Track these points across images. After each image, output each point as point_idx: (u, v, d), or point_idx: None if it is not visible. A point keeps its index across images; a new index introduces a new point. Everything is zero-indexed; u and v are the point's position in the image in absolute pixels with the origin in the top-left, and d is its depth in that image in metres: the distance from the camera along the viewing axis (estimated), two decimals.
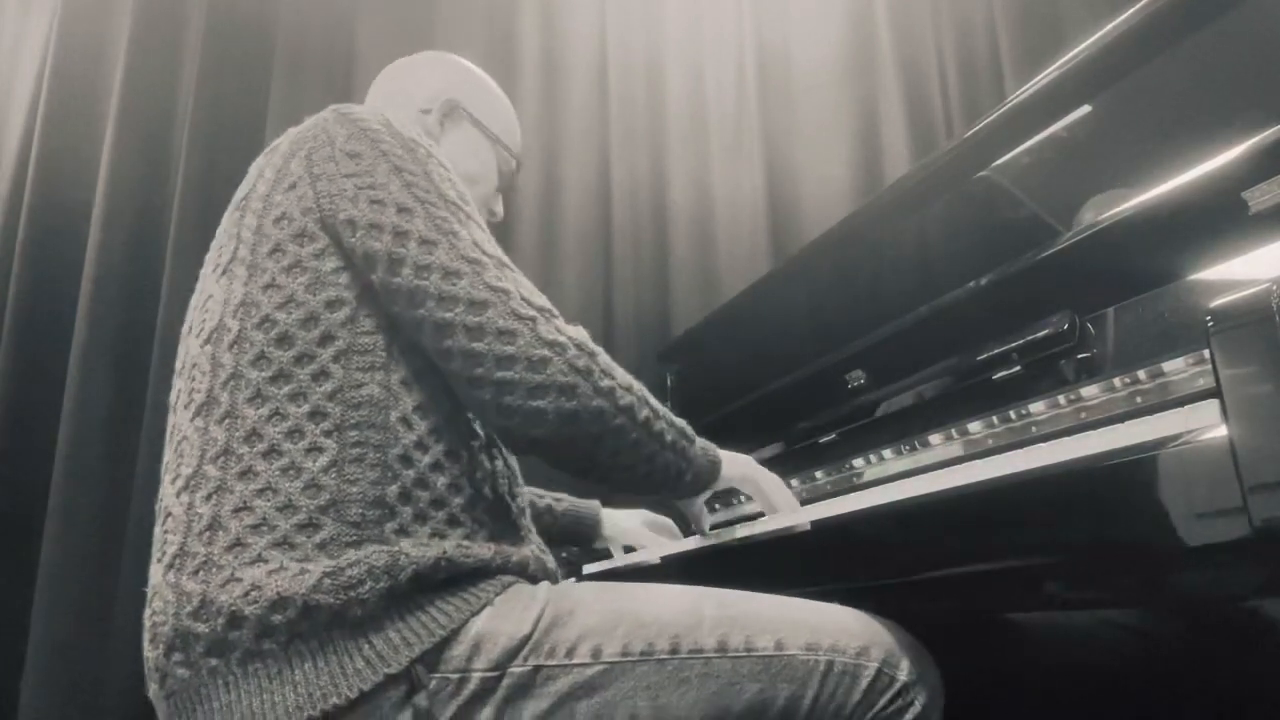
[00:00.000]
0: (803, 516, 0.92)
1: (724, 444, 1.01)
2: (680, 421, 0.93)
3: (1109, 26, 0.98)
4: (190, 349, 0.84)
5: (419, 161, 0.85)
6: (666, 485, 0.91)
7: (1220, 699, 0.98)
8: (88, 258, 2.00)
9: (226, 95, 2.16)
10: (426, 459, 0.79)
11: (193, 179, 2.07)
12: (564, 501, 1.42)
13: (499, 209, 1.20)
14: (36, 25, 2.21)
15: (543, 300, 0.84)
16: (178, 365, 0.87)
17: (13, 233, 2.03)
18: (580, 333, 0.83)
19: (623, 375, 0.85)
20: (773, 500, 1.01)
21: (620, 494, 0.94)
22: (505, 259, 0.85)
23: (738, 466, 1.00)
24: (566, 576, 1.53)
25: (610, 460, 0.84)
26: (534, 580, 0.84)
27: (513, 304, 0.80)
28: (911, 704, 0.80)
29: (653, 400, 0.89)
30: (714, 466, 0.96)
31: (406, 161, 0.84)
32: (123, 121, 2.09)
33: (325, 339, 0.79)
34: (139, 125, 2.11)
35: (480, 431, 0.89)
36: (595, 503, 1.46)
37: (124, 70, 2.12)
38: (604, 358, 0.84)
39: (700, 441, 0.95)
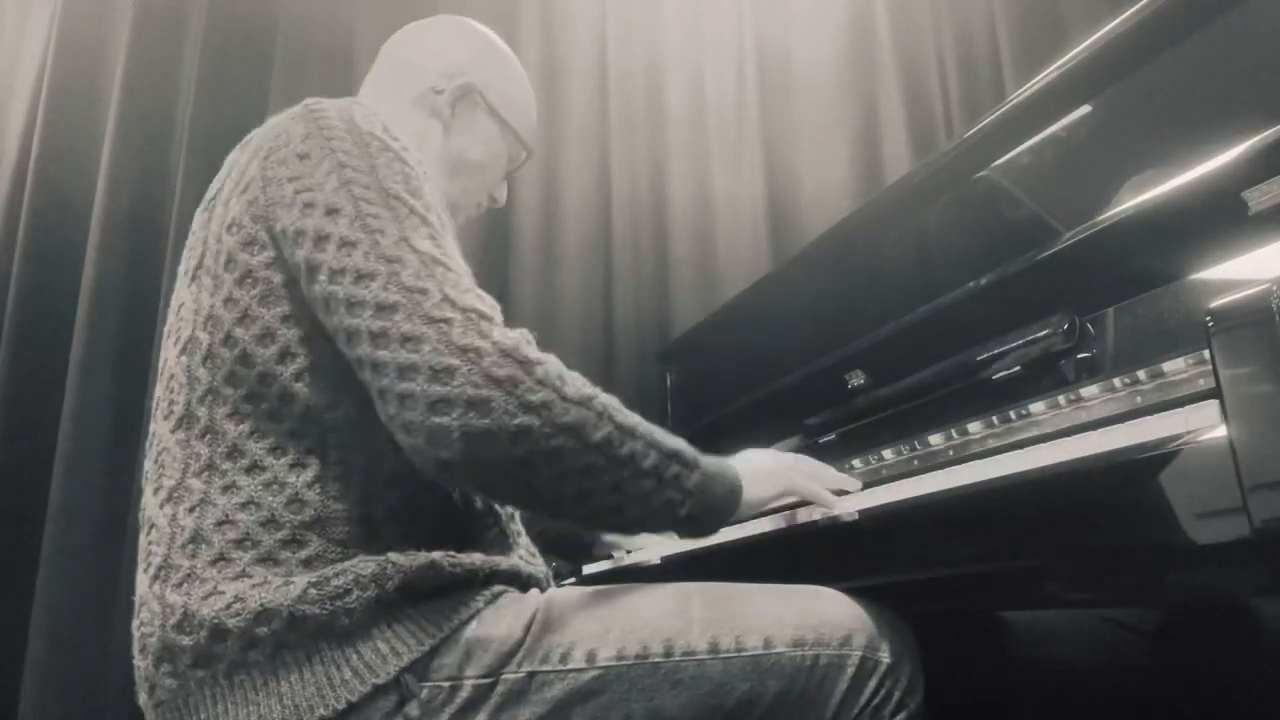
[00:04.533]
0: (838, 509, 0.88)
1: (723, 445, 1.01)
2: (674, 443, 0.79)
3: (1109, 26, 0.98)
4: (168, 355, 0.83)
5: (368, 156, 0.77)
6: (654, 521, 0.79)
7: (1220, 699, 0.98)
8: (88, 258, 2.00)
9: (226, 95, 2.16)
10: (417, 479, 0.76)
11: (193, 179, 2.07)
12: None
13: (501, 195, 1.14)
14: (36, 25, 2.21)
15: (474, 301, 0.71)
16: (159, 368, 0.85)
17: (13, 233, 2.03)
18: (516, 337, 0.71)
19: (575, 388, 0.72)
20: (824, 500, 0.93)
21: (604, 534, 0.82)
22: (441, 256, 0.74)
23: (771, 487, 0.89)
24: (567, 577, 1.53)
25: (556, 490, 0.72)
26: (524, 588, 0.83)
27: (426, 306, 0.69)
28: (898, 682, 0.81)
29: (624, 417, 0.75)
30: (731, 496, 0.82)
31: (352, 157, 0.77)
32: (123, 121, 2.09)
33: (284, 356, 0.75)
34: (139, 125, 2.11)
35: None
36: None
37: (124, 70, 2.12)
38: (546, 367, 0.71)
39: (708, 465, 0.81)
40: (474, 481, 0.73)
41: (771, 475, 0.90)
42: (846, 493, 0.99)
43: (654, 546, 1.35)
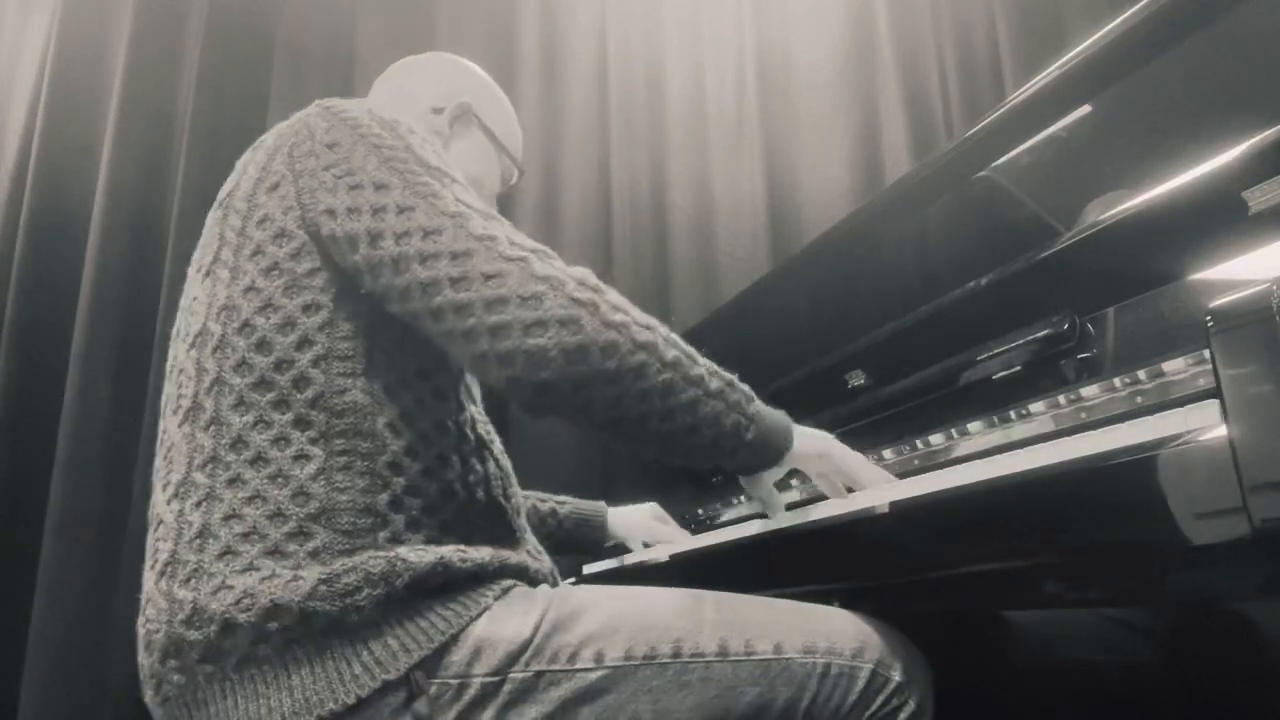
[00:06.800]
0: (875, 499, 0.83)
1: None
2: (729, 374, 0.83)
3: (1109, 27, 0.98)
4: (177, 352, 0.84)
5: (399, 137, 0.82)
6: (724, 445, 0.81)
7: (1220, 699, 0.98)
8: (87, 259, 2.00)
9: (226, 95, 2.16)
10: (418, 465, 0.78)
11: (193, 179, 2.07)
12: (567, 504, 1.38)
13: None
14: (36, 25, 2.21)
15: (536, 243, 0.78)
16: (167, 368, 0.86)
17: (12, 233, 2.04)
18: (583, 271, 0.77)
19: (641, 313, 0.78)
20: (859, 479, 0.92)
21: (673, 465, 0.80)
22: (494, 213, 0.80)
23: (816, 442, 0.90)
24: (566, 575, 1.53)
25: (641, 407, 0.76)
26: (533, 583, 0.83)
27: (499, 248, 0.75)
28: (906, 703, 0.80)
29: (684, 344, 0.80)
30: (785, 433, 0.86)
31: (385, 139, 0.82)
32: (123, 121, 2.09)
33: (303, 344, 0.77)
34: (139, 125, 2.12)
35: (471, 434, 0.88)
36: (600, 503, 1.42)
37: (124, 70, 2.12)
38: (614, 294, 0.77)
39: (759, 400, 0.86)
40: (571, 401, 0.75)
41: (816, 436, 0.91)
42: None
43: (663, 546, 1.36)
